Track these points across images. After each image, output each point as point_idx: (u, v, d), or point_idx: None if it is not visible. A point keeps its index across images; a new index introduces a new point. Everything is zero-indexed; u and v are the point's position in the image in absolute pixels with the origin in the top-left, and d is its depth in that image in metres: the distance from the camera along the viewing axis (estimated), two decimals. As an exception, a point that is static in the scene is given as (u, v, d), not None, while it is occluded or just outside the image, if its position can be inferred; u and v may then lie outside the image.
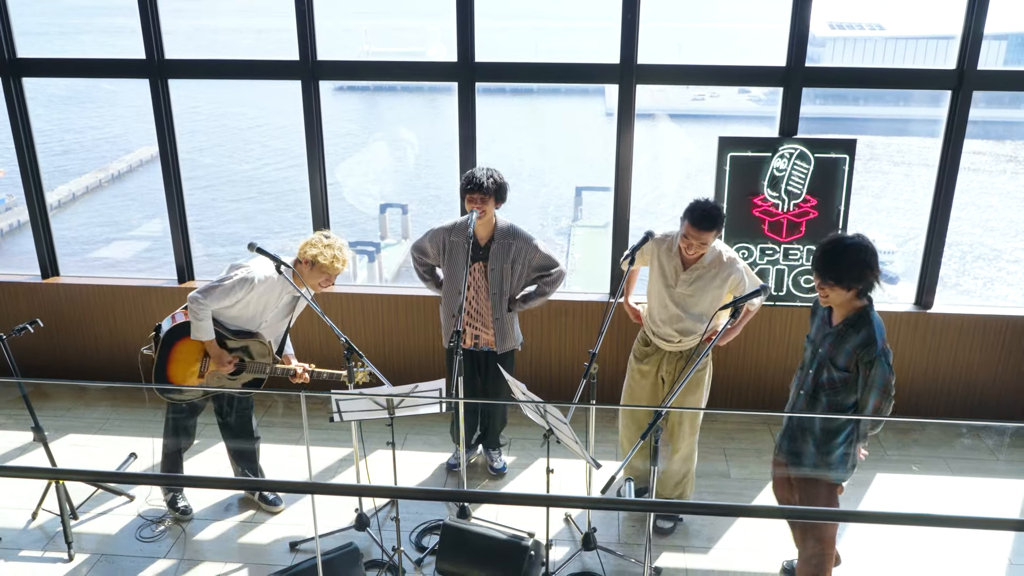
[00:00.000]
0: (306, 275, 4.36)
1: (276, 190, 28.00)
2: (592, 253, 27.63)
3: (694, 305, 4.35)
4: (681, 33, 31.78)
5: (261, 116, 32.45)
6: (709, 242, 4.20)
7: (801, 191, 5.32)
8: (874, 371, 3.51)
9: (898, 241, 25.76)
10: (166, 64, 5.52)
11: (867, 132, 29.60)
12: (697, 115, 31.73)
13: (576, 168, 32.29)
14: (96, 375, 6.19)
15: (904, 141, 29.58)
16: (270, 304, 4.39)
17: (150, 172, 29.22)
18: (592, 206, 30.46)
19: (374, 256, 26.19)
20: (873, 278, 3.50)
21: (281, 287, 4.35)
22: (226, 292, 4.25)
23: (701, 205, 4.16)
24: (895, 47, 39.81)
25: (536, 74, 5.70)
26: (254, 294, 4.30)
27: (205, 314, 4.24)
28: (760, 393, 5.78)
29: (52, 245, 6.10)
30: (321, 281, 4.37)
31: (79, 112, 33.61)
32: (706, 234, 4.14)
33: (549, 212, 29.93)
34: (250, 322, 4.41)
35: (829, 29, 33.14)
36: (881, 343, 3.51)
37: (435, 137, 33.05)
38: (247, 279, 4.26)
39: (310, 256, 4.31)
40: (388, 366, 5.87)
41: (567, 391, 5.89)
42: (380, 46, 41.76)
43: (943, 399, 5.73)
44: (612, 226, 5.69)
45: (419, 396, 3.93)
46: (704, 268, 4.30)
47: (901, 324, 5.57)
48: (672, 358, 4.50)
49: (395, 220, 29.42)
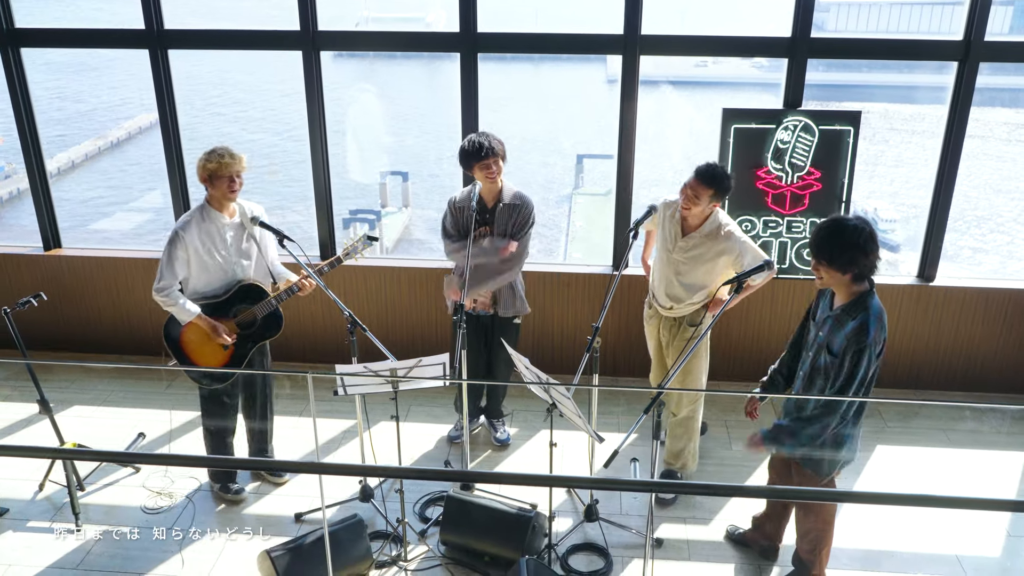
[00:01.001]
0: (217, 196, 4.27)
1: (280, 160, 27.87)
2: (593, 221, 27.59)
3: (687, 273, 4.39)
4: (684, 1, 31.45)
5: (263, 84, 32.20)
6: (703, 198, 4.21)
7: (805, 163, 5.29)
8: (858, 365, 3.41)
9: (901, 210, 25.71)
10: (165, 34, 5.47)
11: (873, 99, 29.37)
12: (699, 82, 31.48)
13: (577, 135, 32.09)
14: (100, 347, 6.21)
15: (910, 109, 29.38)
16: (218, 242, 4.31)
17: (151, 139, 29.08)
18: (593, 173, 30.32)
19: (375, 224, 26.13)
20: (868, 263, 3.40)
21: (212, 216, 4.28)
22: (169, 263, 4.24)
23: (711, 164, 4.24)
24: (900, 13, 39.40)
25: (539, 45, 5.65)
26: (192, 244, 4.24)
27: (172, 298, 4.23)
28: (762, 364, 5.72)
29: (54, 217, 6.09)
30: (228, 189, 4.24)
31: (78, 79, 33.32)
32: (702, 188, 4.17)
33: (551, 179, 29.82)
34: (223, 273, 4.37)
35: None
36: (874, 332, 3.40)
37: (435, 104, 32.84)
38: (173, 238, 4.24)
39: (204, 175, 4.22)
40: (392, 339, 5.87)
41: (570, 362, 5.90)
42: (379, 11, 41.30)
43: (944, 372, 5.75)
44: (615, 197, 5.67)
45: (424, 368, 3.93)
46: (702, 237, 4.32)
47: (903, 297, 5.57)
48: (667, 323, 4.58)
49: (396, 188, 29.32)
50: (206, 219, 4.29)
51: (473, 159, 4.55)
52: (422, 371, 3.90)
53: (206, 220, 4.29)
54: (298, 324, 5.97)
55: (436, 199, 27.79)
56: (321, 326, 6.00)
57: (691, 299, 4.42)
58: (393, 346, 5.19)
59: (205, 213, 4.30)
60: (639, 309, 5.60)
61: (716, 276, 4.41)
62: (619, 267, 4.51)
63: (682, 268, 4.39)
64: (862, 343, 3.41)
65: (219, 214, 4.31)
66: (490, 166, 4.52)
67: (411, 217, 28.70)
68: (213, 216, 4.30)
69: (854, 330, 3.44)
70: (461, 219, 4.70)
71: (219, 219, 4.32)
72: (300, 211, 23.04)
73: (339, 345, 5.99)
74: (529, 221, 4.71)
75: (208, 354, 4.43)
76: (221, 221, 4.33)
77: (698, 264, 4.35)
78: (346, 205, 25.16)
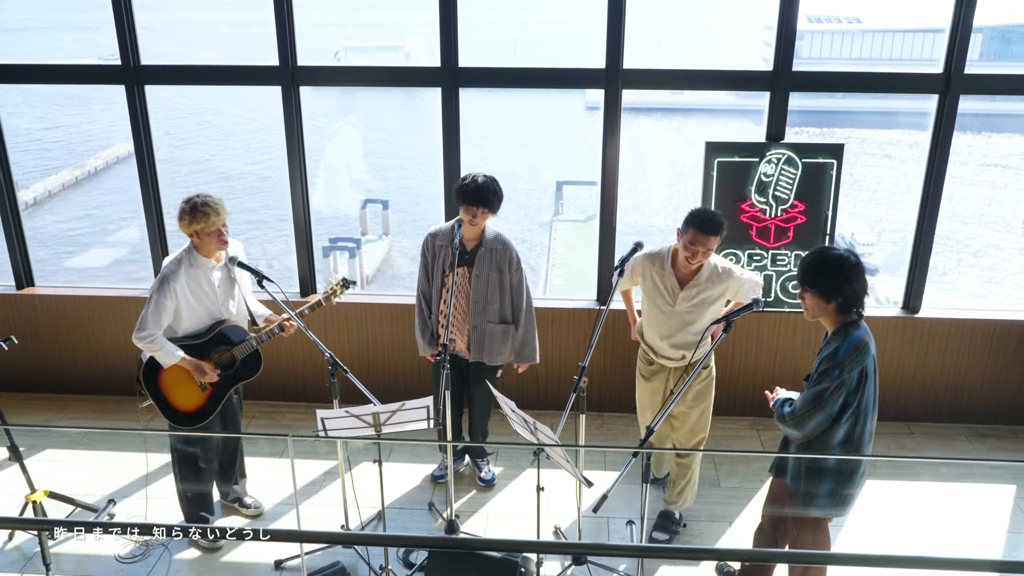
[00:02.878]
0: (205, 248, 4.18)
1: (258, 189, 27.76)
2: (574, 247, 27.62)
3: (696, 320, 4.30)
4: (661, 28, 31.80)
5: (242, 114, 32.13)
6: (714, 248, 4.14)
7: (789, 196, 5.27)
8: (820, 380, 3.37)
9: (878, 233, 25.93)
10: (142, 70, 5.39)
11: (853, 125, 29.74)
12: (678, 108, 31.74)
13: (557, 162, 32.20)
14: (74, 387, 6.07)
15: (888, 135, 29.76)
16: (204, 284, 4.22)
17: (129, 168, 28.92)
18: (573, 200, 30.40)
19: (355, 252, 25.99)
20: (852, 292, 3.38)
21: (200, 263, 4.18)
22: (156, 312, 4.11)
23: (705, 211, 4.14)
24: (872, 40, 40.10)
25: (521, 79, 5.62)
26: (182, 293, 4.14)
27: (157, 343, 4.11)
28: (748, 398, 5.74)
29: (27, 255, 5.97)
30: (217, 242, 4.16)
31: (56, 109, 33.14)
32: (713, 239, 4.08)
33: (531, 206, 29.86)
34: (209, 317, 4.28)
35: (807, 23, 33.25)
36: (843, 357, 3.35)
37: (415, 131, 32.87)
38: (162, 287, 4.11)
39: (193, 230, 4.10)
40: (373, 376, 5.78)
41: (554, 399, 5.83)
42: (358, 40, 41.46)
43: (931, 403, 5.72)
44: (599, 230, 5.63)
45: (407, 411, 3.84)
46: (703, 284, 4.24)
47: (888, 328, 5.55)
48: (678, 372, 4.45)
49: (376, 216, 29.24)
50: (194, 265, 4.19)
51: (462, 200, 4.47)
52: (405, 415, 3.81)
53: (194, 266, 4.19)
54: (278, 361, 5.86)
55: (417, 227, 27.76)
56: (301, 364, 5.90)
57: (696, 341, 4.33)
58: (375, 384, 5.09)
59: (192, 259, 4.20)
60: (624, 344, 5.55)
61: (721, 311, 4.36)
62: (605, 302, 4.43)
63: (689, 318, 4.29)
64: (829, 363, 3.38)
65: (207, 260, 4.22)
66: (475, 214, 4.45)
67: (391, 245, 28.64)
68: (201, 262, 4.21)
69: (827, 355, 3.43)
70: (440, 257, 4.63)
71: (206, 264, 4.23)
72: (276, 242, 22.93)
73: (320, 382, 5.88)
74: (522, 273, 4.66)
75: (185, 396, 4.32)
76: (208, 266, 4.25)
77: (704, 308, 4.27)
78: (325, 233, 25.07)
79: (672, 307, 4.27)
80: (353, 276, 25.59)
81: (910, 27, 38.27)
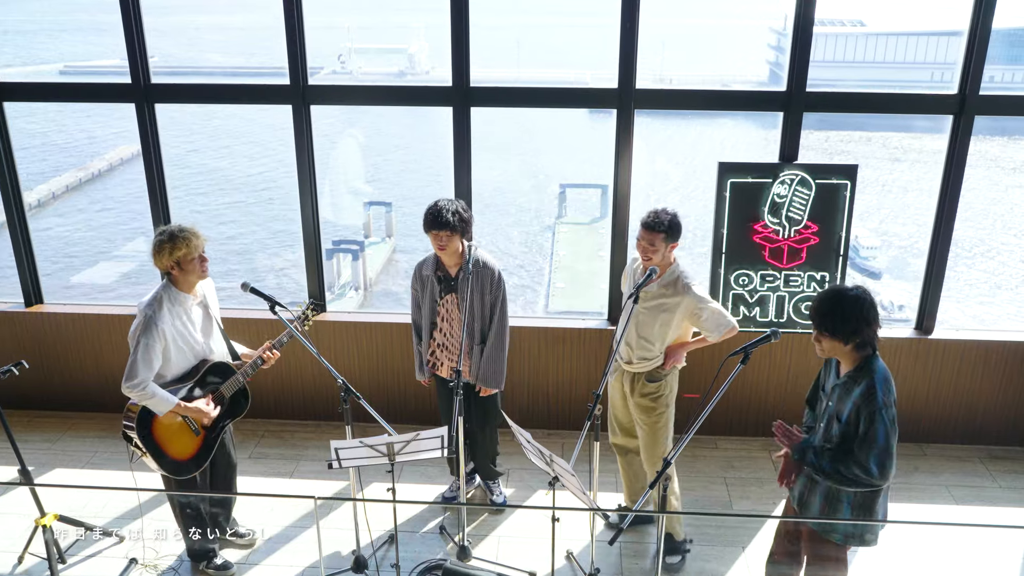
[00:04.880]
0: (185, 281, 4.04)
1: (267, 200, 27.79)
2: (577, 251, 27.59)
3: (644, 326, 4.35)
4: (665, 31, 31.73)
5: (252, 126, 32.14)
6: (658, 245, 4.19)
7: (802, 217, 5.24)
8: (874, 427, 3.33)
9: (881, 236, 25.89)
10: (152, 88, 5.37)
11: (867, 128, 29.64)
12: (681, 113, 31.68)
13: (560, 166, 32.20)
14: (82, 406, 6.04)
15: (899, 139, 29.73)
16: (187, 322, 4.08)
17: (133, 170, 28.88)
18: (576, 203, 30.38)
19: (358, 255, 25.92)
20: (870, 332, 3.38)
21: (180, 299, 4.04)
22: (145, 356, 3.95)
23: (655, 210, 4.24)
24: (876, 43, 40.05)
25: (533, 98, 5.60)
26: (167, 326, 3.99)
27: (149, 391, 3.95)
28: (760, 418, 5.71)
29: (35, 271, 5.95)
30: (199, 269, 4.04)
31: (59, 107, 33.14)
32: (653, 235, 4.17)
33: (534, 209, 29.83)
34: (193, 357, 4.16)
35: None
36: (882, 396, 3.35)
37: (421, 135, 32.85)
38: (147, 328, 3.94)
39: (171, 263, 3.97)
40: (384, 395, 5.76)
41: (564, 420, 5.80)
42: (362, 43, 41.45)
43: (944, 424, 5.68)
44: (610, 250, 5.59)
45: (422, 441, 3.82)
46: (661, 288, 4.29)
47: (902, 350, 5.52)
48: (627, 376, 4.52)
49: (379, 218, 29.19)
50: (175, 302, 4.04)
51: (425, 226, 4.45)
52: (420, 444, 3.79)
53: (175, 303, 4.04)
54: (288, 380, 5.84)
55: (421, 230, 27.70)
56: (311, 382, 5.87)
57: (645, 353, 4.37)
58: (385, 402, 5.05)
59: (172, 295, 4.03)
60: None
61: (671, 330, 4.36)
62: (617, 323, 4.37)
63: (641, 319, 4.34)
64: (872, 406, 3.34)
65: (186, 295, 4.08)
66: (440, 238, 4.42)
67: (395, 247, 28.58)
68: (180, 298, 4.06)
69: (862, 395, 3.39)
70: (428, 287, 4.64)
71: (186, 301, 4.09)
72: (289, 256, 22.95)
73: (329, 400, 5.86)
74: (500, 296, 4.62)
75: (180, 444, 4.17)
76: (188, 303, 4.10)
77: (655, 314, 4.31)
78: (328, 236, 25.07)
79: (632, 303, 4.25)
80: (357, 277, 25.52)
81: (913, 30, 38.25)
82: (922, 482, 5.34)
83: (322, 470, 5.38)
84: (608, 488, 5.18)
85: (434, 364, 4.80)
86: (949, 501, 5.16)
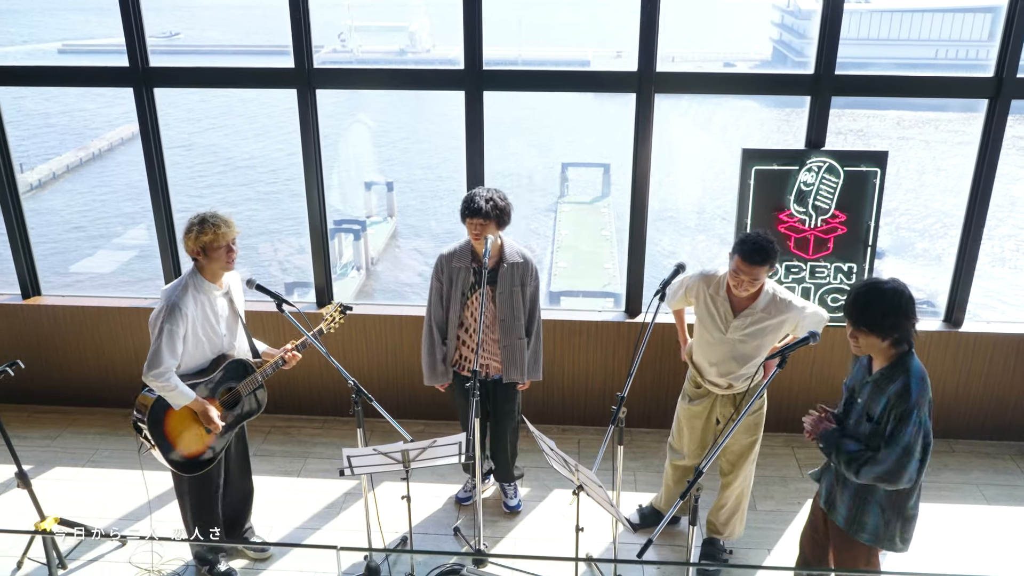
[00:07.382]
0: (211, 269, 3.87)
1: (273, 184, 27.58)
2: (579, 230, 27.40)
3: (747, 350, 4.04)
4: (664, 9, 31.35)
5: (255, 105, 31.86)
6: (762, 278, 3.87)
7: (829, 206, 5.03)
8: (902, 426, 3.15)
9: (887, 214, 25.63)
10: (151, 72, 5.15)
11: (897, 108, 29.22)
12: (695, 92, 31.38)
13: (562, 145, 31.95)
14: (82, 400, 5.87)
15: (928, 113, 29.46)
16: (210, 314, 3.90)
17: (133, 149, 28.61)
18: (578, 182, 30.15)
19: (359, 235, 25.72)
20: (909, 325, 3.20)
21: (205, 288, 3.87)
22: (170, 342, 3.75)
23: (752, 238, 3.82)
24: (879, 19, 39.66)
25: (547, 82, 5.34)
26: (192, 312, 3.81)
27: (172, 381, 3.77)
28: (783, 413, 5.52)
29: (32, 263, 5.76)
30: (225, 259, 3.86)
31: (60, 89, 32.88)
32: (758, 269, 3.80)
33: (536, 188, 29.63)
34: (214, 350, 3.98)
35: (814, 2, 32.83)
36: (916, 395, 3.17)
37: (424, 118, 32.59)
38: (172, 313, 3.75)
39: (197, 248, 3.80)
40: (394, 389, 5.58)
41: (580, 414, 5.63)
42: (363, 20, 41.03)
43: (974, 419, 5.50)
44: (628, 242, 5.39)
45: (438, 448, 3.64)
46: (758, 314, 3.96)
47: (931, 343, 5.32)
48: (725, 400, 4.22)
49: (380, 197, 29.00)
50: (200, 290, 3.86)
51: (464, 213, 4.27)
52: (436, 451, 3.61)
53: (200, 291, 3.86)
54: (295, 374, 5.63)
55: (424, 207, 27.44)
56: (318, 376, 5.68)
57: (747, 372, 4.09)
58: (396, 399, 4.85)
59: (198, 283, 3.86)
60: (654, 359, 5.37)
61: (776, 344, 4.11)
62: (634, 315, 4.14)
63: (740, 347, 4.03)
64: (904, 405, 3.16)
65: (212, 285, 3.90)
66: (475, 226, 4.23)
67: (397, 226, 28.39)
68: (206, 287, 3.88)
69: (896, 393, 3.20)
70: (460, 280, 4.41)
71: (212, 291, 3.91)
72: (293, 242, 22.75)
73: (337, 394, 5.69)
74: (537, 286, 4.47)
75: (191, 440, 3.97)
76: (214, 293, 3.93)
77: (758, 338, 4.01)
78: (330, 215, 24.88)
79: (723, 334, 4.02)
80: (359, 257, 25.37)
81: (919, 7, 37.78)
82: (951, 480, 5.16)
83: (330, 469, 5.23)
84: (628, 487, 5.00)
85: (458, 363, 4.59)
86: (981, 501, 4.99)
